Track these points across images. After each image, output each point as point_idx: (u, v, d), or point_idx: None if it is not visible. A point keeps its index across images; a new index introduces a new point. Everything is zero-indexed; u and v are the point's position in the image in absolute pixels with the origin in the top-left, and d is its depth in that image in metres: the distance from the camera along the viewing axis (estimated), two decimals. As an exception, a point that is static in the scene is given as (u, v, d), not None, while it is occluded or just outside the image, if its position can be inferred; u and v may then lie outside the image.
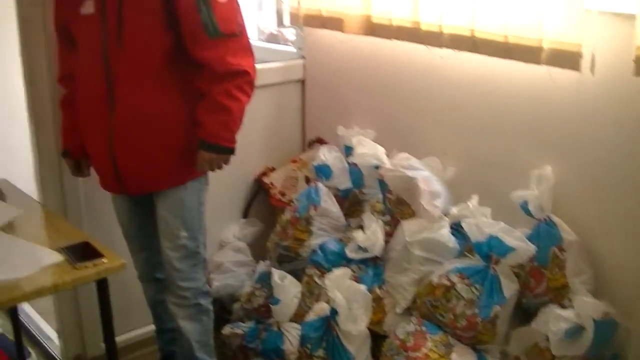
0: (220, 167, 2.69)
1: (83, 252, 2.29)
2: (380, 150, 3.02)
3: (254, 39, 3.96)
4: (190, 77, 2.61)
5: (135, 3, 2.52)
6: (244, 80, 2.60)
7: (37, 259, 2.22)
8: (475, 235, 2.53)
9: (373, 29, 3.05)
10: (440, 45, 2.79)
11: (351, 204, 3.23)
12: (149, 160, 2.64)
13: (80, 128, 2.77)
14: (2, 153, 3.66)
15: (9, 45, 3.14)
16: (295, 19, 3.43)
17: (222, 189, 3.23)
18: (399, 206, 2.86)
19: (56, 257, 2.25)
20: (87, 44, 2.63)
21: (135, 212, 2.90)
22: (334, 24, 3.20)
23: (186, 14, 2.51)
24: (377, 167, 2.99)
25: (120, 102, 2.58)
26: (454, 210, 2.71)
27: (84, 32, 2.64)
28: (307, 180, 3.43)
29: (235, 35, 2.58)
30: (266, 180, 3.59)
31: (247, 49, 2.64)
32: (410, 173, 2.80)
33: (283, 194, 3.48)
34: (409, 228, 2.74)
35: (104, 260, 2.26)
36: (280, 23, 3.64)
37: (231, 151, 2.66)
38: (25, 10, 2.97)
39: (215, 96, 2.56)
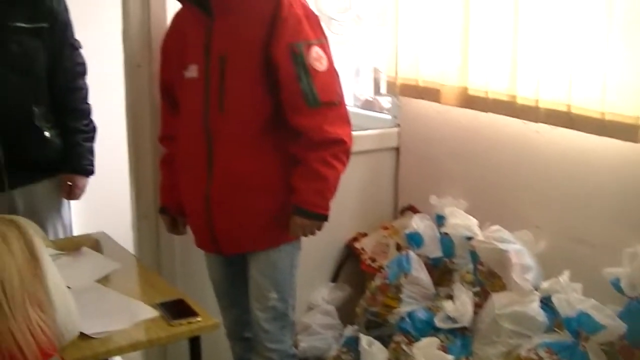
0: (313, 233, 2.73)
1: (178, 310, 2.35)
2: (473, 222, 3.03)
3: (350, 105, 4.03)
4: (287, 143, 2.68)
5: (237, 69, 2.61)
6: (340, 149, 2.64)
7: (132, 313, 2.30)
8: (565, 310, 2.50)
9: (469, 101, 3.10)
10: (536, 120, 2.81)
11: (441, 273, 3.24)
12: (244, 222, 2.71)
13: (178, 187, 2.86)
14: (102, 206, 3.80)
15: (115, 96, 3.28)
16: (392, 88, 3.50)
17: (313, 251, 3.26)
18: (489, 278, 2.85)
19: (151, 313, 2.32)
20: (189, 107, 2.74)
21: (227, 270, 2.96)
22: (431, 94, 3.26)
23: (286, 82, 2.59)
24: (469, 238, 3.00)
25: (218, 166, 2.67)
26: (545, 285, 2.68)
27: (187, 95, 2.76)
28: (398, 247, 3.45)
29: (334, 104, 2.65)
30: (357, 245, 3.62)
31: (344, 118, 2.69)
32: (502, 246, 2.80)
33: (373, 260, 3.51)
34: (499, 300, 2.73)
35: (198, 319, 2.30)
36: (377, 91, 3.72)
37: (325, 218, 2.70)
38: (136, 57, 3.12)
39: (312, 163, 2.61)
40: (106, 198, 3.81)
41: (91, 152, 3.18)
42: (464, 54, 3.07)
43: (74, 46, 3.10)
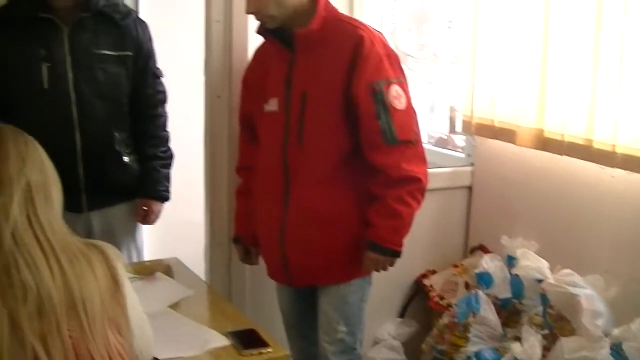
0: (385, 269, 2.75)
1: (249, 339, 2.34)
2: (544, 265, 3.02)
3: (424, 142, 4.05)
4: (363, 180, 2.70)
5: (317, 105, 2.66)
6: (416, 187, 2.67)
7: (204, 340, 2.31)
8: (636, 359, 2.47)
9: (545, 144, 3.08)
10: (612, 165, 2.79)
11: (509, 314, 3.21)
12: (318, 256, 2.75)
13: (253, 218, 2.92)
14: (176, 232, 3.87)
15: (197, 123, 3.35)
16: (467, 127, 3.50)
17: (383, 286, 3.26)
18: (559, 322, 2.82)
19: (223, 341, 2.33)
20: (268, 140, 2.80)
21: (297, 302, 3.00)
22: (506, 135, 3.26)
23: (366, 120, 2.62)
24: (539, 281, 2.98)
25: (294, 199, 2.72)
26: (616, 332, 2.65)
27: (266, 128, 2.81)
28: (467, 286, 3.44)
29: (412, 143, 2.67)
30: (426, 282, 3.62)
31: (421, 157, 2.72)
32: (573, 290, 2.77)
33: (442, 298, 3.51)
34: (568, 345, 2.70)
35: (270, 349, 2.30)
36: (452, 129, 3.73)
37: (398, 255, 2.72)
38: (217, 89, 3.21)
39: (389, 201, 2.64)
40: (178, 225, 3.87)
41: (167, 178, 3.24)
42: (541, 96, 3.06)
43: (156, 75, 3.18)
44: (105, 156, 3.01)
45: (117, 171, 3.05)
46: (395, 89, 2.63)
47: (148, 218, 3.23)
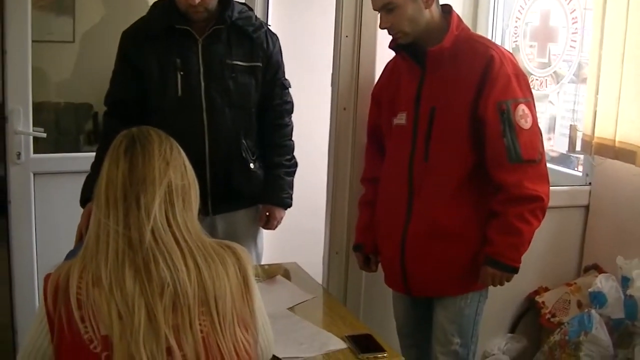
0: (502, 284, 2.79)
1: (366, 344, 2.43)
2: (660, 286, 3.00)
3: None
4: (485, 196, 2.76)
5: (445, 121, 2.73)
6: (537, 205, 2.69)
7: (323, 343, 2.41)
8: None
9: (666, 166, 3.08)
10: None
11: (621, 334, 3.21)
12: (437, 269, 2.81)
13: (375, 228, 3.00)
14: (295, 239, 3.97)
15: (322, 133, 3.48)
16: (587, 146, 3.52)
17: (495, 301, 3.26)
18: (673, 345, 2.82)
19: (340, 345, 2.43)
20: (395, 153, 2.88)
21: (412, 311, 3.06)
22: (627, 156, 3.27)
23: (492, 138, 2.67)
24: (654, 303, 2.98)
25: (417, 213, 2.79)
26: None
27: (394, 142, 2.90)
28: (579, 305, 3.45)
29: (535, 162, 2.69)
30: (538, 299, 3.64)
31: (544, 176, 2.74)
32: (688, 313, 2.77)
33: (553, 315, 3.52)
34: (681, 369, 2.70)
35: (385, 354, 2.38)
36: (571, 148, 3.73)
37: (515, 271, 2.74)
38: (343, 101, 3.31)
39: (510, 218, 2.67)
40: (298, 232, 3.98)
41: (291, 186, 3.33)
42: (664, 117, 3.07)
43: (284, 85, 3.27)
44: (232, 162, 3.11)
45: (242, 177, 3.14)
46: (522, 109, 2.67)
47: (270, 223, 3.33)
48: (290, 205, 3.33)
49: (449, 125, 2.73)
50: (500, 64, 2.67)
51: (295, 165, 3.35)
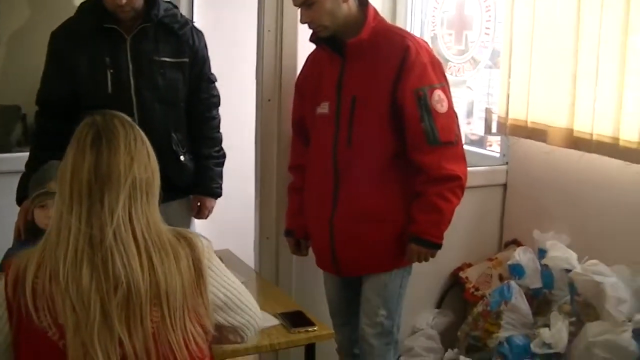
0: (426, 260, 2.95)
1: (297, 320, 2.61)
2: (572, 256, 3.19)
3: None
4: (407, 178, 2.91)
5: (366, 109, 2.87)
6: (456, 184, 2.86)
7: (259, 320, 2.56)
8: (657, 341, 2.65)
9: (575, 143, 3.27)
10: (638, 161, 2.97)
11: (540, 303, 3.39)
12: (364, 249, 2.95)
13: (305, 213, 3.13)
14: (226, 226, 4.06)
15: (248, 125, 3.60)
16: (502, 128, 3.69)
17: (421, 278, 3.43)
18: (585, 309, 3.01)
19: (272, 321, 2.58)
20: (319, 141, 3.01)
21: (343, 290, 3.19)
22: (538, 134, 3.45)
23: (410, 123, 2.83)
24: (567, 271, 3.16)
25: (343, 196, 2.93)
26: (638, 317, 2.82)
27: (318, 130, 3.03)
28: (501, 278, 3.62)
29: (452, 144, 2.87)
30: (462, 274, 3.81)
31: (461, 157, 2.92)
32: (598, 278, 2.95)
33: (477, 289, 3.69)
34: (592, 329, 2.89)
35: (315, 328, 2.57)
36: (487, 130, 3.91)
37: (439, 247, 2.92)
38: (267, 92, 3.43)
39: (430, 197, 2.84)
40: (229, 220, 4.10)
41: (220, 176, 3.46)
42: (571, 98, 3.26)
43: (210, 80, 3.38)
44: (164, 155, 3.12)
45: (174, 169, 3.20)
46: (438, 94, 2.84)
47: (201, 213, 3.45)
48: (220, 195, 3.46)
49: (370, 113, 2.87)
50: (416, 53, 2.82)
51: (224, 156, 3.47)
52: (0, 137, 4.42)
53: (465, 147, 4.04)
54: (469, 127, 4.44)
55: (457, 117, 2.96)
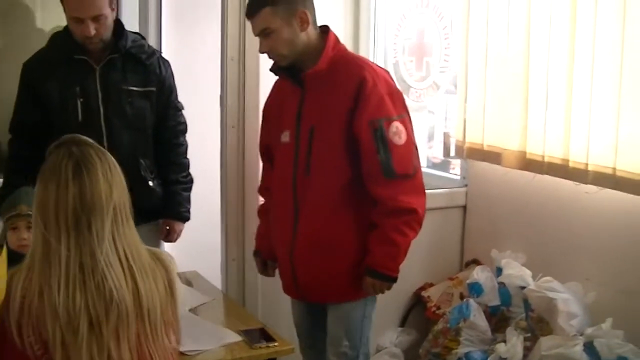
0: (382, 292, 2.94)
1: (259, 336, 2.70)
2: (527, 273, 3.31)
3: (423, 166, 4.38)
4: (365, 209, 2.88)
5: (323, 138, 2.88)
6: (412, 217, 2.83)
7: (220, 337, 2.67)
8: (605, 354, 2.78)
9: (527, 164, 3.40)
10: (585, 182, 3.10)
11: (499, 320, 3.50)
12: (323, 278, 2.95)
13: (270, 237, 3.15)
14: (194, 249, 4.14)
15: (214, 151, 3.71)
16: (459, 151, 3.83)
17: (384, 298, 3.40)
18: (539, 324, 3.13)
19: (235, 337, 2.68)
20: (281, 168, 3.04)
21: (308, 315, 3.19)
22: (493, 157, 3.58)
23: (366, 154, 2.81)
24: (522, 288, 3.28)
25: (302, 225, 2.93)
26: (589, 331, 2.94)
27: (280, 158, 3.06)
28: (462, 297, 3.73)
29: (409, 176, 2.84)
30: (424, 294, 3.92)
31: (418, 189, 2.88)
32: (551, 294, 3.07)
33: (438, 308, 3.79)
34: (545, 343, 3.00)
35: (276, 343, 2.66)
36: (446, 153, 4.04)
37: (394, 280, 2.90)
38: (231, 119, 3.56)
39: (386, 230, 2.81)
40: (197, 243, 4.16)
41: (188, 200, 3.54)
42: (524, 121, 3.40)
43: (177, 107, 3.48)
44: (132, 180, 3.17)
45: (143, 194, 3.25)
46: (396, 125, 2.81)
47: (170, 236, 3.54)
48: (188, 219, 3.55)
49: (327, 142, 2.87)
50: (373, 84, 2.81)
51: (191, 181, 3.56)
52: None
53: (427, 170, 4.24)
54: (430, 151, 4.56)
55: (416, 148, 2.93)
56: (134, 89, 3.26)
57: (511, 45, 3.45)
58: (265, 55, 2.96)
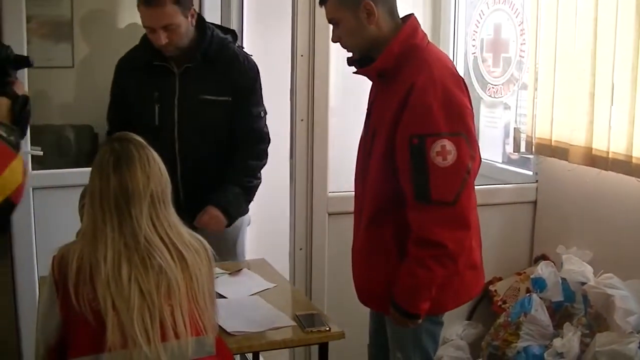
0: (405, 326, 2.58)
1: (312, 321, 2.79)
2: (588, 269, 3.32)
3: (499, 161, 4.42)
4: (403, 224, 2.52)
5: (377, 145, 2.56)
6: (441, 252, 2.42)
7: (272, 320, 2.77)
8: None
9: (593, 160, 3.41)
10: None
11: (562, 316, 3.50)
12: (368, 286, 2.73)
13: None
14: (266, 238, 4.31)
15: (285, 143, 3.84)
16: (529, 147, 3.85)
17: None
18: (596, 320, 3.13)
19: (288, 322, 2.79)
20: (356, 167, 2.81)
21: (373, 316, 2.98)
22: (560, 153, 3.59)
23: (401, 171, 2.46)
24: (583, 284, 3.28)
25: (361, 229, 2.69)
26: (646, 329, 2.94)
27: (358, 152, 2.80)
28: (528, 291, 3.73)
29: (447, 204, 2.40)
30: (492, 288, 3.94)
31: (456, 221, 2.43)
32: (609, 291, 3.07)
33: (504, 302, 3.81)
34: (600, 339, 3.01)
35: (327, 328, 2.73)
36: (517, 149, 4.05)
37: (413, 317, 2.52)
38: (300, 113, 3.68)
39: (410, 260, 2.47)
40: (270, 231, 4.35)
41: (237, 198, 3.34)
42: (590, 117, 3.41)
43: (254, 114, 3.38)
44: (201, 183, 3.31)
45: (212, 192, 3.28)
46: (442, 144, 2.37)
47: (202, 219, 3.27)
48: (227, 211, 3.32)
49: (378, 149, 2.55)
50: (423, 92, 2.40)
51: (252, 188, 3.42)
52: (75, 154, 4.73)
53: (502, 165, 4.27)
54: (508, 147, 4.57)
55: (468, 174, 2.42)
56: (209, 97, 3.27)
57: (578, 42, 3.46)
58: (334, 52, 2.98)
